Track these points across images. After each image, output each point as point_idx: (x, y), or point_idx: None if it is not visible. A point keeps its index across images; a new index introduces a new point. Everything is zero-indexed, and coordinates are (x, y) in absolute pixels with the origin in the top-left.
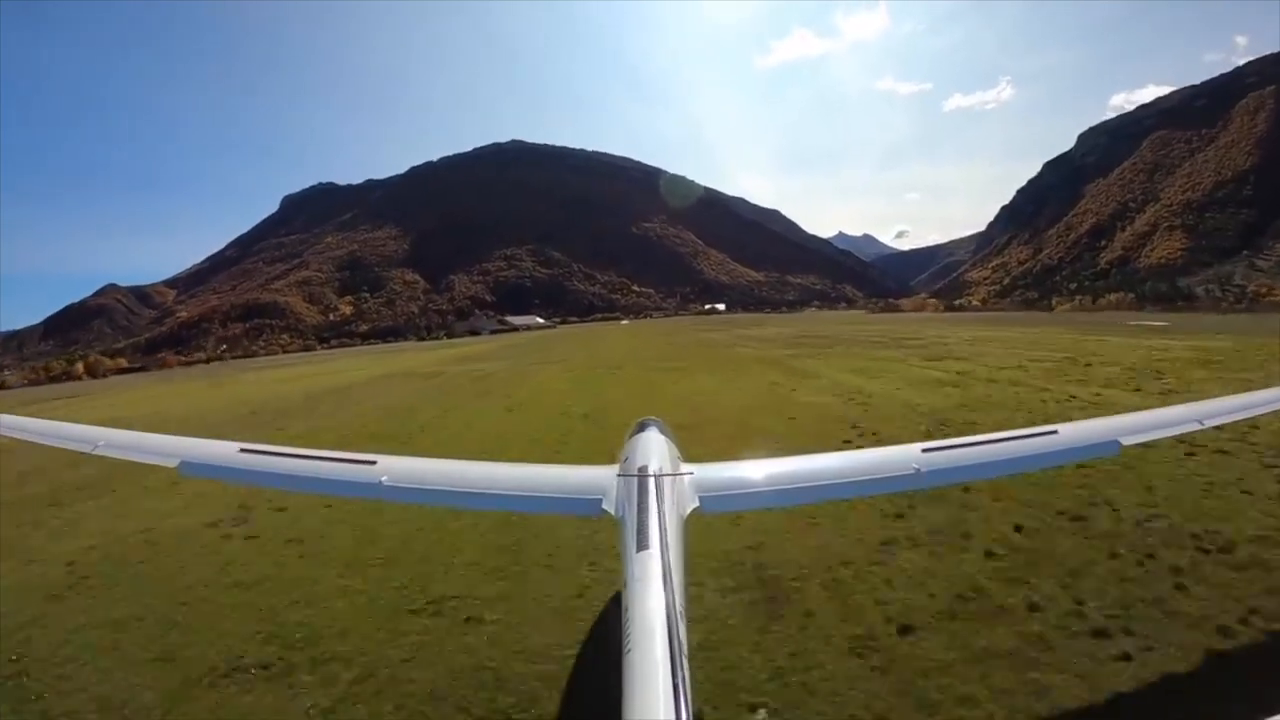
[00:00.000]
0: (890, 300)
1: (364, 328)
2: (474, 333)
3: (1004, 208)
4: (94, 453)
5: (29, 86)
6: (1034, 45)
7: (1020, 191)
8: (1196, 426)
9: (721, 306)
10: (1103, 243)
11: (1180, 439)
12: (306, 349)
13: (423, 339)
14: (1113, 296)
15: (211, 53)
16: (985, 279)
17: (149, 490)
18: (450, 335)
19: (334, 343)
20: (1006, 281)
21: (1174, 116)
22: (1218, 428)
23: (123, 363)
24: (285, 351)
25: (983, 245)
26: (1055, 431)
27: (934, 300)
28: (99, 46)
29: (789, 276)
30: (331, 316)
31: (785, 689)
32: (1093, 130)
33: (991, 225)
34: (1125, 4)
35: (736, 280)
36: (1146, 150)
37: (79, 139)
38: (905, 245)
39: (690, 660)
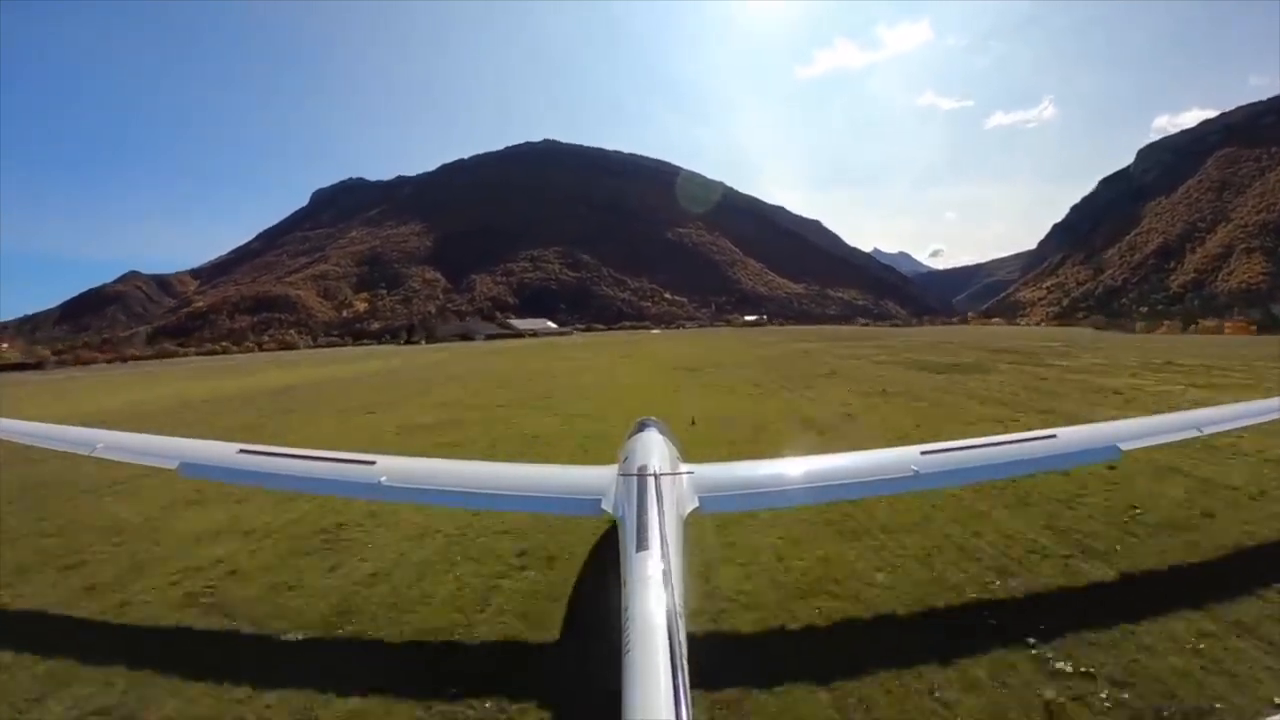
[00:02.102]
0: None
1: (376, 325)
2: (465, 337)
3: (1057, 225)
4: (94, 455)
5: (75, 74)
6: (1078, 65)
7: (1075, 209)
8: (1195, 434)
9: (765, 317)
10: (1171, 264)
11: None
12: (284, 347)
13: (401, 343)
14: (1206, 323)
15: (254, 47)
16: (1040, 299)
17: None
18: (431, 339)
19: (321, 341)
20: (1066, 303)
21: (1240, 133)
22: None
23: (46, 353)
24: (260, 350)
25: (1033, 264)
26: (1054, 436)
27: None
28: (145, 41)
29: (830, 290)
30: (345, 313)
31: None
32: (1153, 147)
33: (1043, 244)
34: (1168, 28)
35: (775, 292)
36: (1213, 168)
37: (126, 128)
38: (939, 264)
39: (690, 660)
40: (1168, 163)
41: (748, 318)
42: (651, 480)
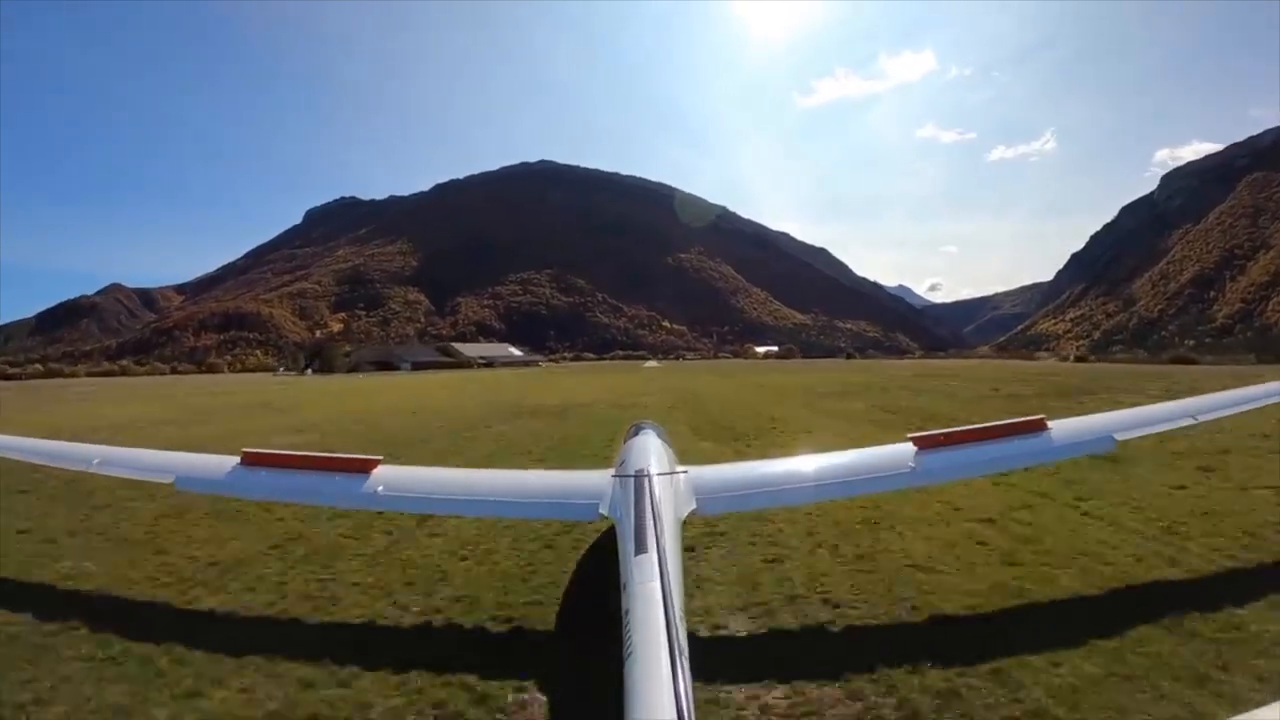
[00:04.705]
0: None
1: (347, 348)
2: (386, 366)
3: (1074, 256)
4: (90, 470)
5: (71, 91)
6: (1080, 98)
7: (1094, 239)
8: (1190, 422)
9: (790, 348)
10: (1212, 294)
11: None
12: (208, 368)
13: (299, 372)
14: None
15: (253, 66)
16: (1065, 332)
17: None
18: (328, 369)
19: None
20: (1097, 336)
21: (1269, 157)
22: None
23: None
24: (174, 372)
25: (1049, 296)
26: (1048, 428)
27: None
28: (150, 63)
29: (838, 321)
30: (319, 333)
31: None
32: (1177, 172)
33: (1060, 275)
34: (1166, 62)
35: (780, 322)
36: (1244, 192)
37: (133, 146)
38: (938, 298)
39: (691, 663)
40: (1193, 189)
41: (760, 349)
42: (648, 482)
